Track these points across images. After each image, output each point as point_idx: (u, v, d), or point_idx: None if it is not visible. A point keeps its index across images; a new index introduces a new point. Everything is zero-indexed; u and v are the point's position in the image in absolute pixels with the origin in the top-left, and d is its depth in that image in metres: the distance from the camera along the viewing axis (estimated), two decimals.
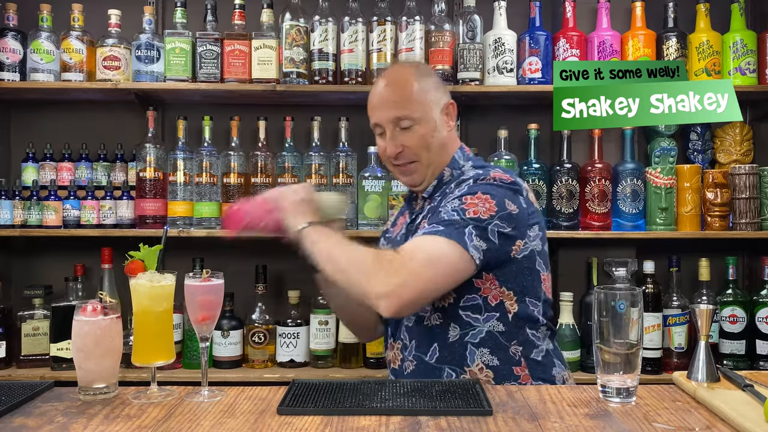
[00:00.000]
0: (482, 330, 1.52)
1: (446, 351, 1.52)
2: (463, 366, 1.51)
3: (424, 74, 1.66)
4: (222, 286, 1.35)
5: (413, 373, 1.54)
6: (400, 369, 1.59)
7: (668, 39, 2.54)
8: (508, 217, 1.48)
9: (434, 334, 1.53)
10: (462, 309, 1.52)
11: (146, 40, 2.47)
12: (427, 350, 1.53)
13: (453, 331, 1.52)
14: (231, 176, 2.48)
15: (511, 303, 1.53)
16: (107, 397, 1.27)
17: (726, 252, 2.59)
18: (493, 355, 1.52)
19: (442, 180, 1.63)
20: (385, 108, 1.60)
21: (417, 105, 1.59)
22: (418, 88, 1.61)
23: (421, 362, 1.53)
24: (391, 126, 1.59)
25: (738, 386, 1.26)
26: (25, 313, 2.43)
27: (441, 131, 1.62)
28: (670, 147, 2.61)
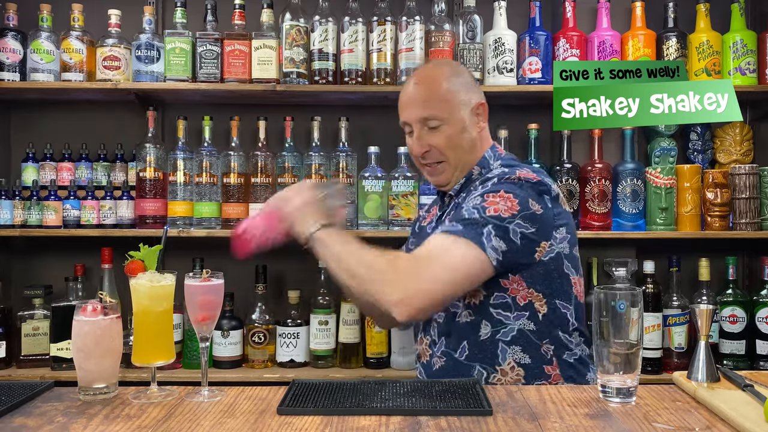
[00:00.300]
0: (513, 328, 1.50)
1: (476, 349, 1.51)
2: (494, 364, 1.50)
3: (455, 74, 1.65)
4: (222, 286, 1.35)
5: (442, 370, 1.53)
6: (428, 364, 1.57)
7: (668, 39, 2.54)
8: (531, 217, 1.46)
9: (464, 331, 1.51)
10: (492, 306, 1.50)
11: (146, 40, 2.47)
12: (457, 347, 1.52)
13: (484, 328, 1.51)
14: (231, 176, 2.48)
15: (541, 304, 1.51)
16: (107, 397, 1.27)
17: (726, 252, 2.59)
18: (525, 353, 1.50)
19: (471, 178, 1.62)
20: (414, 107, 1.60)
21: (445, 105, 1.59)
22: (447, 88, 1.60)
23: (450, 359, 1.52)
24: (418, 125, 1.59)
25: (738, 386, 1.26)
26: (25, 313, 2.43)
27: (470, 132, 1.61)
28: (670, 147, 2.62)
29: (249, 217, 1.57)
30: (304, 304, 2.53)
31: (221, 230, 2.46)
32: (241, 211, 2.48)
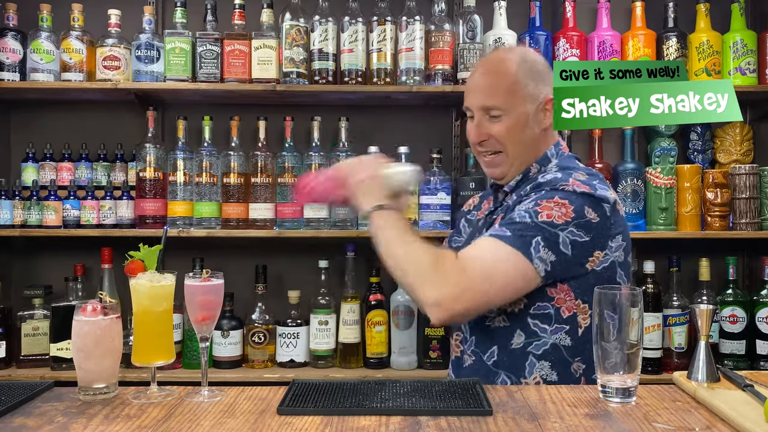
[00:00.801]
0: (548, 341, 1.45)
1: (505, 356, 1.47)
2: (520, 376, 1.46)
3: (526, 65, 1.57)
4: (222, 286, 1.35)
5: (470, 368, 1.51)
6: (459, 360, 1.56)
7: (668, 39, 2.54)
8: (586, 225, 1.41)
9: (496, 336, 1.48)
10: (531, 317, 1.45)
11: (146, 40, 2.47)
12: (486, 350, 1.49)
13: (518, 338, 1.46)
14: (231, 176, 2.48)
15: (585, 317, 1.45)
16: (107, 397, 1.27)
17: (726, 252, 2.59)
18: (553, 370, 1.46)
19: (528, 175, 1.57)
20: (477, 94, 1.56)
21: (510, 97, 1.53)
22: (515, 80, 1.54)
23: (479, 360, 1.50)
24: (480, 112, 1.55)
25: (738, 386, 1.26)
26: (25, 313, 2.43)
27: (532, 127, 1.55)
28: (670, 147, 2.61)
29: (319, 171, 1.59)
30: (304, 304, 2.53)
31: (221, 230, 2.47)
32: (241, 211, 2.48)
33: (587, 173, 1.51)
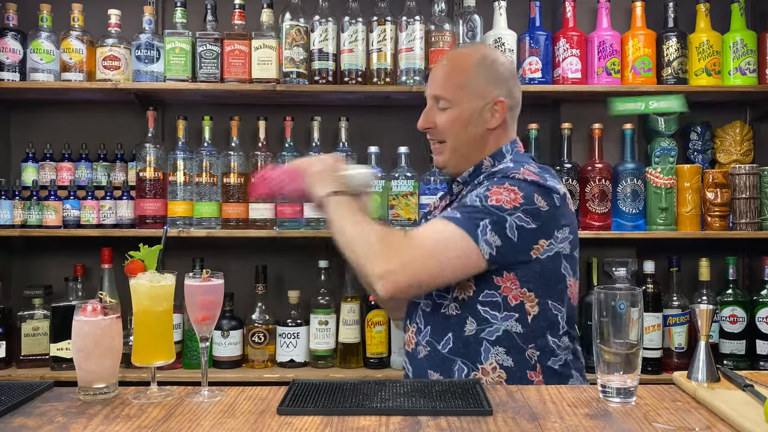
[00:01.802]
0: (499, 328, 1.48)
1: (460, 343, 1.49)
2: (476, 362, 1.48)
3: (485, 64, 1.61)
4: (222, 286, 1.35)
5: (426, 359, 1.52)
6: (413, 353, 1.57)
7: (668, 39, 2.54)
8: (534, 212, 1.44)
9: (450, 324, 1.50)
10: (481, 304, 1.49)
11: (146, 40, 2.47)
12: (441, 339, 1.51)
13: (470, 325, 1.49)
14: (231, 176, 2.48)
15: (532, 305, 1.49)
16: (107, 397, 1.27)
17: (726, 252, 2.59)
18: (508, 356, 1.48)
19: (481, 168, 1.61)
20: (433, 83, 1.64)
21: (458, 90, 1.59)
22: (468, 76, 1.60)
23: (434, 350, 1.52)
24: (431, 101, 1.63)
25: (738, 386, 1.26)
26: (25, 313, 2.43)
27: (476, 124, 1.59)
28: (670, 147, 2.61)
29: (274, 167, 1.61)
30: (304, 304, 2.53)
31: (221, 230, 2.47)
32: (241, 211, 2.48)
33: (539, 167, 1.56)
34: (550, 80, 2.53)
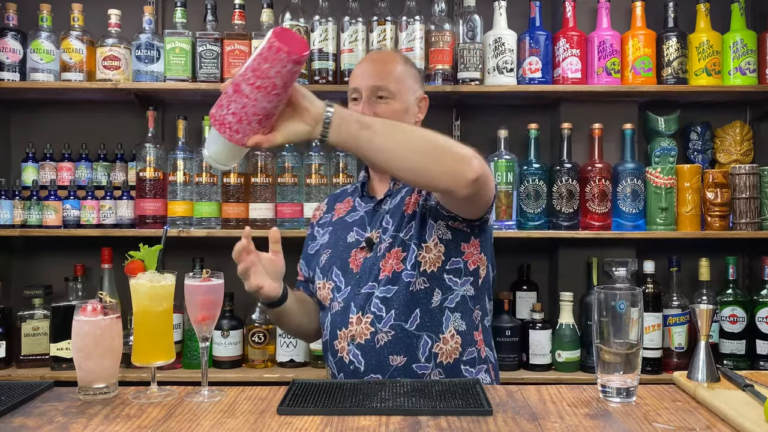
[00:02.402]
0: (458, 294, 1.59)
1: (427, 317, 1.56)
2: (438, 333, 1.56)
3: (407, 62, 1.74)
4: (222, 286, 1.35)
5: (388, 345, 1.54)
6: (367, 344, 1.55)
7: (668, 39, 2.54)
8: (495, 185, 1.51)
9: (418, 299, 1.56)
10: (447, 272, 1.58)
11: (146, 40, 2.47)
12: (409, 317, 1.55)
13: (436, 296, 1.57)
14: (231, 176, 2.48)
15: (483, 269, 1.63)
16: (107, 397, 1.27)
17: (726, 252, 2.59)
18: (463, 320, 1.59)
19: None
20: (368, 75, 1.65)
21: (397, 83, 1.64)
22: (402, 71, 1.67)
23: (400, 331, 1.54)
24: (368, 92, 1.63)
25: (738, 386, 1.26)
26: (25, 313, 2.42)
27: (410, 118, 1.66)
28: (670, 147, 2.61)
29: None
30: None
31: (221, 230, 2.46)
32: (241, 211, 2.48)
33: None
34: (550, 80, 2.53)
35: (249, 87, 1.15)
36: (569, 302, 2.45)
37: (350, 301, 1.60)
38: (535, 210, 2.48)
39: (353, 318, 1.58)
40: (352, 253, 1.64)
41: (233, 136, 1.20)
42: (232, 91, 1.17)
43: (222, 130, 1.20)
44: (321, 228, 1.78)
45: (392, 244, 1.59)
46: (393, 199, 1.66)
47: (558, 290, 2.52)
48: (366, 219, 1.69)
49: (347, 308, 1.60)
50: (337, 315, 1.61)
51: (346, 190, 1.85)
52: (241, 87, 1.16)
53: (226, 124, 1.19)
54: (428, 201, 1.60)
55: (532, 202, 2.48)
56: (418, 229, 1.58)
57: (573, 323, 2.45)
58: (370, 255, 1.62)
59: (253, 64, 1.15)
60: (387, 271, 1.57)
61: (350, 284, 1.61)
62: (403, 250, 1.57)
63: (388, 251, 1.59)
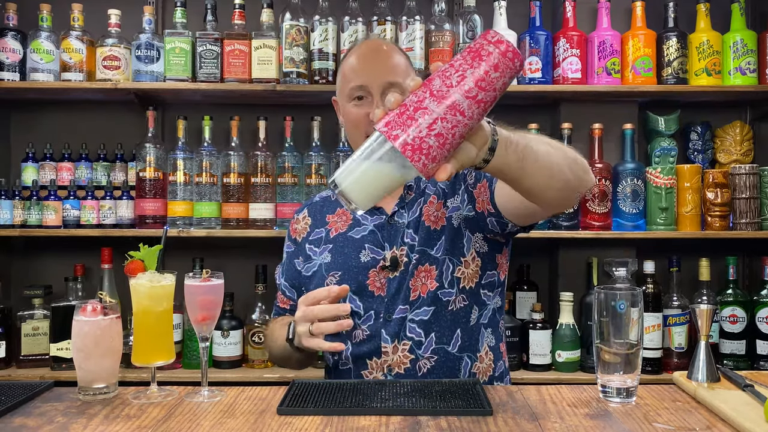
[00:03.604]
0: (490, 308, 1.51)
1: (467, 336, 1.48)
2: (476, 352, 1.48)
3: (403, 52, 1.59)
4: (222, 286, 1.35)
5: (432, 371, 1.45)
6: (409, 372, 1.46)
7: (668, 39, 2.54)
8: None
9: (458, 318, 1.47)
10: (482, 287, 1.50)
11: (146, 40, 2.47)
12: (451, 338, 1.46)
13: (474, 313, 1.48)
14: (231, 176, 2.48)
15: (505, 277, 1.58)
16: (107, 397, 1.27)
17: (726, 252, 2.59)
18: (493, 335, 1.52)
19: None
20: (378, 71, 1.47)
21: (407, 76, 1.49)
22: (405, 62, 1.54)
23: (443, 354, 1.45)
24: (379, 91, 1.46)
25: (738, 386, 1.26)
26: (25, 313, 2.42)
27: None
28: (670, 147, 2.61)
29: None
30: None
31: (221, 230, 2.46)
32: (241, 211, 2.48)
33: None
34: (550, 80, 2.53)
35: (468, 102, 0.92)
36: (569, 302, 2.45)
37: (380, 328, 1.47)
38: None
39: (388, 347, 1.46)
40: (370, 275, 1.48)
41: (427, 165, 0.92)
42: (446, 106, 0.91)
43: (416, 158, 0.90)
44: (314, 245, 1.59)
45: (420, 261, 1.46)
46: (409, 211, 1.52)
47: (558, 290, 2.52)
48: (379, 235, 1.52)
49: (377, 336, 1.47)
50: (364, 345, 1.48)
51: (328, 198, 1.65)
52: (458, 102, 0.91)
53: (424, 149, 0.91)
54: (461, 211, 1.48)
55: None
56: (450, 243, 1.46)
57: (573, 323, 2.45)
58: (395, 275, 1.47)
59: (477, 74, 0.92)
60: (420, 291, 1.45)
61: (373, 309, 1.47)
62: (436, 268, 1.46)
63: (416, 269, 1.46)
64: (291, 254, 1.65)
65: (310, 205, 1.68)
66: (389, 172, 0.93)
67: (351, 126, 1.52)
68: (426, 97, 0.92)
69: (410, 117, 0.91)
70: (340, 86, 1.55)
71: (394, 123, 0.92)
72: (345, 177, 0.93)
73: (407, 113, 0.92)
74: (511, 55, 0.94)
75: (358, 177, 0.93)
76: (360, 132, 1.49)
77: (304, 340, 1.36)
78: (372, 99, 1.48)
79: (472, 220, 1.47)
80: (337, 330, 1.34)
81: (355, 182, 0.93)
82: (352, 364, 1.51)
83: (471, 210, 1.47)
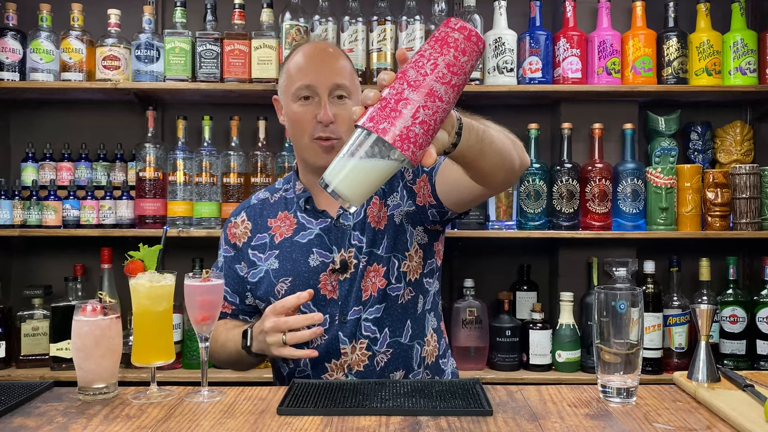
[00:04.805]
0: (431, 293, 1.57)
1: (415, 325, 1.53)
2: (423, 337, 1.54)
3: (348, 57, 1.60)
4: (222, 286, 1.35)
5: (389, 363, 1.49)
6: (368, 368, 1.49)
7: (668, 39, 2.53)
8: None
9: (407, 310, 1.52)
10: (424, 276, 1.55)
11: (146, 40, 2.47)
12: (402, 330, 1.51)
13: (419, 302, 1.54)
14: (231, 176, 2.48)
15: (440, 261, 1.61)
16: (107, 397, 1.27)
17: (726, 252, 2.59)
18: (434, 318, 1.58)
19: None
20: (326, 72, 1.49)
21: (352, 80, 1.54)
22: (352, 67, 1.57)
23: (397, 347, 1.50)
24: (326, 92, 1.48)
25: (738, 386, 1.26)
26: (24, 313, 2.42)
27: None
28: (670, 147, 2.61)
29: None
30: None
31: (221, 230, 2.46)
32: None
33: None
34: (550, 80, 2.52)
35: (444, 87, 0.95)
36: (569, 302, 2.45)
37: (336, 330, 1.49)
38: (535, 210, 2.48)
39: (346, 348, 1.48)
40: (321, 278, 1.50)
41: (416, 153, 0.95)
42: (424, 94, 0.94)
43: (405, 147, 0.93)
44: (257, 251, 1.57)
45: (368, 262, 1.49)
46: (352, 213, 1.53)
47: (558, 290, 2.52)
48: (326, 238, 1.52)
49: (335, 339, 1.49)
50: (321, 348, 1.48)
51: (267, 201, 1.63)
52: (435, 88, 0.94)
53: (412, 138, 0.93)
54: (402, 208, 1.51)
55: (532, 202, 2.48)
56: (393, 240, 1.50)
57: (573, 323, 2.45)
58: (345, 278, 1.49)
59: (447, 59, 0.96)
60: (371, 291, 1.49)
61: (328, 312, 1.49)
62: (383, 266, 1.49)
63: (365, 270, 1.49)
64: (230, 259, 1.62)
65: (247, 209, 1.64)
66: (380, 165, 0.95)
67: (295, 126, 1.52)
68: (404, 88, 0.95)
69: (393, 109, 0.94)
70: (284, 85, 1.55)
71: (379, 117, 0.94)
72: (335, 175, 0.95)
73: (389, 106, 0.94)
74: (474, 38, 0.98)
75: (348, 174, 0.95)
76: (305, 131, 1.50)
77: (274, 350, 1.36)
78: (319, 99, 1.48)
79: (413, 214, 1.52)
80: (312, 338, 1.37)
81: (346, 179, 0.95)
82: (311, 369, 1.52)
83: (411, 205, 1.52)
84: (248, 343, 1.44)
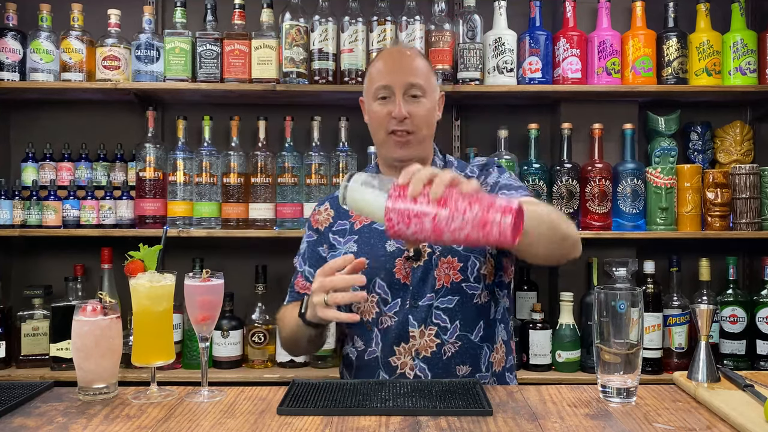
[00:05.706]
0: (503, 305, 1.64)
1: (488, 328, 1.58)
2: (494, 343, 1.60)
3: (426, 58, 1.71)
4: (222, 286, 1.35)
5: (456, 355, 1.54)
6: (435, 356, 1.53)
7: (668, 39, 2.53)
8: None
9: (481, 311, 1.57)
10: (496, 286, 1.61)
11: (146, 40, 2.47)
12: (473, 328, 1.56)
13: (492, 308, 1.60)
14: (231, 176, 2.48)
15: (510, 280, 1.68)
16: (107, 397, 1.27)
17: (726, 252, 2.59)
18: (505, 330, 1.65)
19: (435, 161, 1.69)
20: (401, 72, 1.59)
21: (428, 81, 1.62)
22: (427, 66, 1.65)
23: (466, 342, 1.55)
24: (401, 90, 1.58)
25: (738, 386, 1.26)
26: (24, 313, 2.42)
27: (435, 115, 1.65)
28: (670, 147, 2.61)
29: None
30: None
31: (221, 230, 2.46)
32: (241, 211, 2.47)
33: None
34: (550, 80, 2.52)
35: (450, 242, 1.13)
36: (569, 302, 2.45)
37: (407, 314, 1.54)
38: None
39: (415, 332, 1.54)
40: (397, 263, 1.56)
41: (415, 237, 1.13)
42: (434, 236, 1.10)
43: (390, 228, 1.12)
44: (338, 236, 1.66)
45: (442, 253, 1.55)
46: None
47: (558, 290, 2.52)
48: None
49: (405, 322, 1.54)
50: (392, 330, 1.55)
51: None
52: (445, 240, 1.10)
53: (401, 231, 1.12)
54: None
55: None
56: None
57: (573, 323, 2.45)
58: (419, 265, 1.55)
59: (471, 236, 1.07)
60: (444, 281, 1.54)
61: (400, 296, 1.55)
62: (459, 261, 1.55)
63: (439, 261, 1.55)
64: (313, 243, 1.72)
65: (331, 199, 1.76)
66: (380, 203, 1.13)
67: (374, 122, 1.64)
68: (428, 218, 1.09)
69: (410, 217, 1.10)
70: (366, 87, 1.67)
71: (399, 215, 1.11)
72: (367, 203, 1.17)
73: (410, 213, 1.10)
74: (499, 237, 1.07)
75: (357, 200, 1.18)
76: (381, 127, 1.61)
77: (318, 310, 1.38)
78: (394, 98, 1.58)
79: None
80: (352, 301, 1.39)
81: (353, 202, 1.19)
82: (380, 351, 1.57)
83: None
84: (303, 309, 1.47)
